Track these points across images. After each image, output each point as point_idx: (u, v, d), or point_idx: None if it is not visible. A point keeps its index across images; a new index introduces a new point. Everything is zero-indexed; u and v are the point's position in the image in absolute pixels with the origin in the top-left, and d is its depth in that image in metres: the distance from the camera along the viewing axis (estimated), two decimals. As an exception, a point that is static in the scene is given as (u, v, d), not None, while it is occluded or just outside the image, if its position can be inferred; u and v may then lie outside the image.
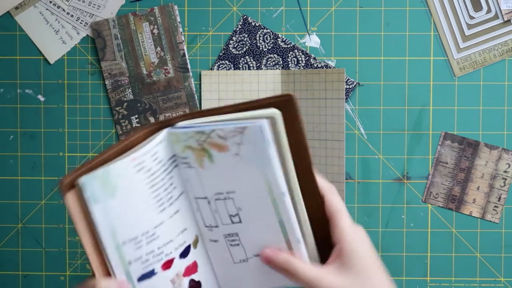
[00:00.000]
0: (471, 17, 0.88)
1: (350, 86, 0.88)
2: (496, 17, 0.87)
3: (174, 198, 0.72)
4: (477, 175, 0.88)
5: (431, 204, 0.89)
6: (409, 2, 0.88)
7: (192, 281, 0.75)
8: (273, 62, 0.88)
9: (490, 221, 0.88)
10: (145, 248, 0.70)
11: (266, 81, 0.87)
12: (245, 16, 0.88)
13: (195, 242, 0.75)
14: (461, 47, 0.88)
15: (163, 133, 0.72)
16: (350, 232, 0.65)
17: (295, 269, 0.66)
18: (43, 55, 0.89)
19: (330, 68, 0.88)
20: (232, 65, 0.89)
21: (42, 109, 0.90)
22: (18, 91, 0.90)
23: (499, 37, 0.88)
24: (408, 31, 0.88)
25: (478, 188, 0.88)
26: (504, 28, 0.88)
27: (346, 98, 0.88)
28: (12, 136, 0.90)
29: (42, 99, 0.90)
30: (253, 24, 0.88)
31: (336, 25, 0.88)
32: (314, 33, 0.89)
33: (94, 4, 0.89)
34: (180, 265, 0.73)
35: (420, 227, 0.89)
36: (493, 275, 0.89)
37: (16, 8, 0.89)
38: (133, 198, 0.69)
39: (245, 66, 0.88)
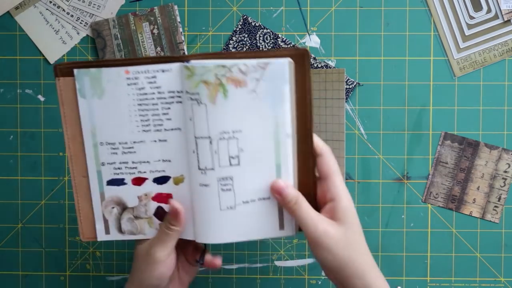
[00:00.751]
0: (471, 17, 0.88)
1: (350, 86, 0.88)
2: (496, 17, 0.88)
3: (165, 128, 0.75)
4: (477, 175, 0.88)
5: (431, 204, 0.89)
6: (409, 2, 0.88)
7: (160, 208, 0.78)
8: (273, 62, 0.88)
9: (490, 221, 0.88)
10: (120, 156, 0.75)
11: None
12: (245, 16, 0.88)
13: (178, 180, 0.77)
14: (461, 47, 0.88)
15: (174, 65, 0.73)
16: (345, 191, 0.70)
17: (300, 206, 0.70)
18: (43, 55, 0.89)
19: (330, 68, 0.88)
20: (232, 65, 0.88)
21: (42, 109, 0.90)
22: (18, 91, 0.90)
23: (499, 37, 0.88)
24: (408, 31, 0.88)
25: (478, 188, 0.88)
26: (504, 28, 0.88)
27: (346, 98, 0.88)
28: (12, 136, 0.90)
29: (42, 99, 0.90)
30: (253, 24, 0.88)
31: (336, 25, 0.89)
32: (314, 33, 0.89)
33: (94, 4, 0.89)
34: (152, 188, 0.77)
35: (420, 227, 0.89)
36: (493, 275, 0.89)
37: (16, 8, 0.89)
38: (118, 107, 0.74)
39: (245, 66, 0.88)
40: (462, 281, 0.89)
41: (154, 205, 0.77)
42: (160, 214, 0.77)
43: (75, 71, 0.72)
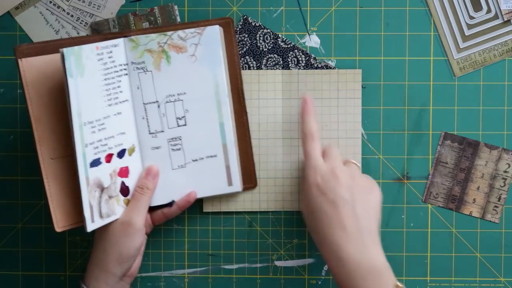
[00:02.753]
0: (471, 17, 0.88)
1: (350, 86, 0.88)
2: (496, 17, 0.88)
3: (120, 100, 0.80)
4: (477, 175, 0.88)
5: (431, 204, 0.89)
6: (409, 2, 0.88)
7: (123, 183, 0.80)
8: (273, 62, 0.88)
9: (490, 221, 0.88)
10: (97, 134, 0.77)
11: (267, 81, 0.88)
12: (245, 16, 0.88)
13: (131, 151, 0.81)
14: (461, 47, 0.88)
15: (120, 40, 0.80)
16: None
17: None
18: (43, 55, 0.89)
19: (331, 68, 0.88)
20: (232, 65, 0.89)
21: (42, 109, 0.90)
22: (18, 91, 0.89)
23: (499, 37, 0.88)
24: (408, 31, 0.88)
25: (478, 188, 0.88)
26: (504, 28, 0.88)
27: (346, 98, 0.88)
28: (12, 136, 0.90)
29: (42, 99, 0.90)
30: (253, 24, 0.88)
31: (336, 25, 0.89)
32: (314, 33, 0.89)
33: (94, 4, 0.89)
34: (117, 163, 0.80)
35: (420, 227, 0.89)
36: (493, 275, 0.89)
37: (16, 8, 0.89)
38: (94, 83, 0.77)
39: (245, 66, 0.88)
40: (462, 281, 0.89)
41: (119, 180, 0.80)
42: (123, 190, 0.80)
43: (64, 50, 0.73)
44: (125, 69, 0.80)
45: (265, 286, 0.90)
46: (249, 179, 0.86)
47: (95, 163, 0.76)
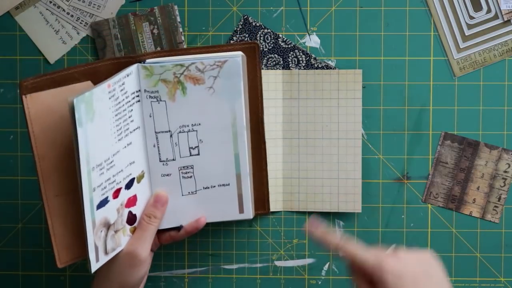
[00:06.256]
0: (471, 17, 0.88)
1: (350, 86, 0.88)
2: (496, 17, 0.88)
3: (130, 130, 0.76)
4: (477, 175, 0.88)
5: (431, 204, 0.89)
6: (409, 2, 0.88)
7: (130, 212, 0.77)
8: (274, 62, 0.88)
9: (490, 221, 0.88)
10: (106, 175, 0.72)
11: (268, 81, 0.87)
12: (246, 16, 0.88)
13: (140, 178, 0.78)
14: (461, 47, 0.88)
15: (133, 67, 0.75)
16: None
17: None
18: (43, 55, 0.89)
19: (331, 68, 0.88)
20: (232, 65, 0.88)
21: (42, 109, 0.90)
22: (18, 91, 0.89)
23: (499, 37, 0.88)
24: (408, 31, 0.88)
25: (478, 188, 0.88)
26: (504, 28, 0.88)
27: (346, 98, 0.88)
28: (12, 136, 0.90)
29: (42, 99, 0.90)
30: (253, 24, 0.88)
31: (336, 25, 0.89)
32: (314, 33, 0.89)
33: (94, 4, 0.89)
34: (124, 195, 0.76)
35: (420, 227, 0.89)
36: (493, 275, 0.89)
37: (16, 8, 0.89)
38: (103, 125, 0.71)
39: (246, 66, 0.88)
40: (462, 281, 0.89)
41: (126, 211, 0.76)
42: (130, 219, 0.77)
43: (74, 100, 0.66)
44: (137, 96, 0.76)
45: (265, 286, 0.90)
46: (262, 206, 0.85)
47: (102, 203, 0.72)
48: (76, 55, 0.89)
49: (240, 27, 0.88)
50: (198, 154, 0.79)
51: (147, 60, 0.76)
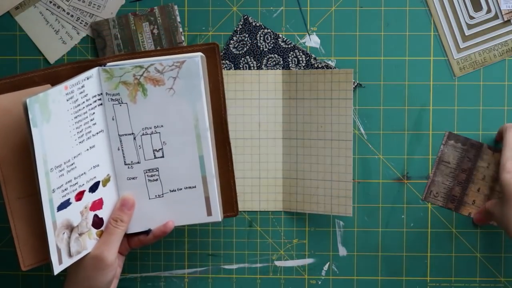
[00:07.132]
0: (471, 17, 0.88)
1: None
2: (496, 17, 0.88)
3: (92, 133, 0.76)
4: (479, 176, 0.88)
5: (430, 203, 0.89)
6: (409, 2, 0.88)
7: (95, 216, 0.77)
8: (274, 62, 0.88)
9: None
10: (66, 177, 0.73)
11: (267, 81, 0.87)
12: (246, 16, 0.88)
13: (105, 181, 0.78)
14: (461, 47, 0.88)
15: (93, 70, 0.76)
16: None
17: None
18: (43, 55, 0.89)
19: (331, 68, 0.88)
20: (232, 65, 0.89)
21: (42, 109, 0.90)
22: (18, 91, 0.89)
23: (499, 37, 0.88)
24: (408, 31, 0.88)
25: (478, 190, 0.88)
26: (504, 28, 0.88)
27: (346, 98, 0.88)
28: (12, 136, 0.90)
29: (42, 99, 0.90)
30: (253, 24, 0.88)
31: (336, 25, 0.89)
32: (314, 33, 0.89)
33: (94, 4, 0.89)
34: (89, 198, 0.76)
35: (420, 227, 0.89)
36: (493, 275, 0.89)
37: (16, 8, 0.89)
38: (61, 126, 0.72)
39: (246, 66, 0.88)
40: (462, 281, 0.89)
41: (91, 214, 0.77)
42: (96, 222, 0.77)
43: (27, 100, 0.67)
44: (99, 99, 0.77)
45: (265, 286, 0.90)
46: (231, 208, 0.83)
47: (64, 205, 0.73)
48: (76, 55, 0.89)
49: (240, 27, 0.88)
50: (163, 157, 0.78)
51: (108, 63, 0.77)
